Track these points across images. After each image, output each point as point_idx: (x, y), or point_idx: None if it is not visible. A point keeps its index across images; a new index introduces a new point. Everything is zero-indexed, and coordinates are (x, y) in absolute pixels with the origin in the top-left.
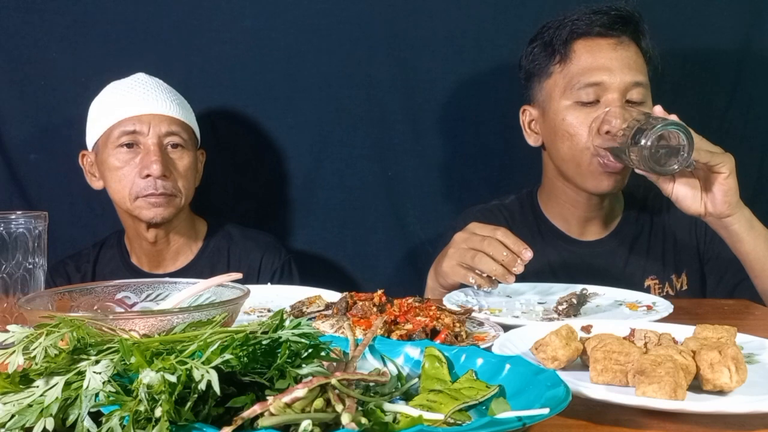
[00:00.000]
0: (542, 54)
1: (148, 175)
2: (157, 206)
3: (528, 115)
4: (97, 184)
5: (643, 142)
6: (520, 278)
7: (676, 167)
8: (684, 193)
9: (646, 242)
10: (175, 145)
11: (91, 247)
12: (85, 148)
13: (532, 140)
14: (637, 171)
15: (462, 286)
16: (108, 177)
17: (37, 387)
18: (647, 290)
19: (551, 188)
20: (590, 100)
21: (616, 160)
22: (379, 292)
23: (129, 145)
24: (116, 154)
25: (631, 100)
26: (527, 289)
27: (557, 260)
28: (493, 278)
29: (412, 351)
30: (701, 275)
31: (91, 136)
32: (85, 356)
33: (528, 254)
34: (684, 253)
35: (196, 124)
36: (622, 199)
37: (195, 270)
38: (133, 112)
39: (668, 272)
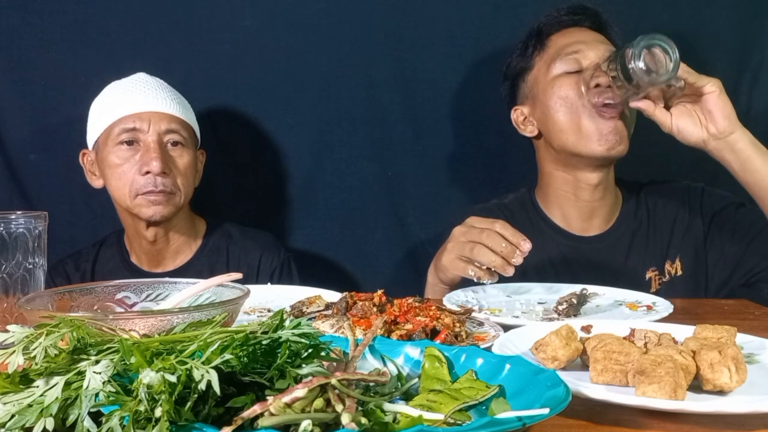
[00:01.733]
0: (521, 57)
1: (147, 172)
2: (156, 204)
3: (519, 113)
4: (97, 183)
5: (633, 61)
6: (521, 277)
7: (670, 68)
8: (684, 123)
9: (645, 235)
10: (175, 143)
11: (90, 246)
12: (86, 146)
13: (528, 131)
14: (633, 104)
15: (465, 282)
16: (108, 174)
17: (37, 387)
18: (648, 282)
19: (549, 183)
20: (574, 69)
21: (612, 97)
22: (379, 292)
23: (129, 143)
24: (116, 152)
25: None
26: (527, 288)
27: (558, 257)
28: (493, 270)
29: (412, 351)
30: (696, 260)
31: (92, 134)
32: (85, 356)
33: (527, 245)
34: (679, 239)
35: (196, 123)
36: (620, 194)
37: (194, 269)
38: (133, 109)
39: (664, 260)
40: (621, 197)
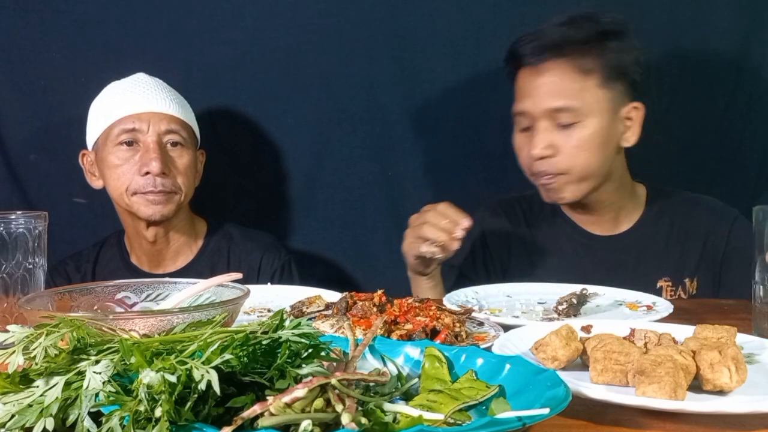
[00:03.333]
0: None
1: (147, 173)
2: (156, 203)
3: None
4: (96, 183)
5: None
6: (531, 268)
7: None
8: None
9: (665, 243)
10: (174, 143)
11: (91, 247)
12: (85, 147)
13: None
14: None
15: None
16: (107, 174)
17: (37, 387)
18: (659, 291)
19: None
20: (525, 126)
21: (548, 167)
22: (379, 292)
23: (129, 143)
24: (116, 152)
25: (561, 123)
26: (527, 289)
27: (570, 252)
28: (442, 245)
29: (412, 351)
30: (713, 282)
31: (92, 135)
32: (85, 356)
33: (466, 222)
34: (701, 259)
35: (195, 123)
36: (643, 196)
37: (195, 270)
38: (133, 110)
39: (683, 275)
40: (644, 199)
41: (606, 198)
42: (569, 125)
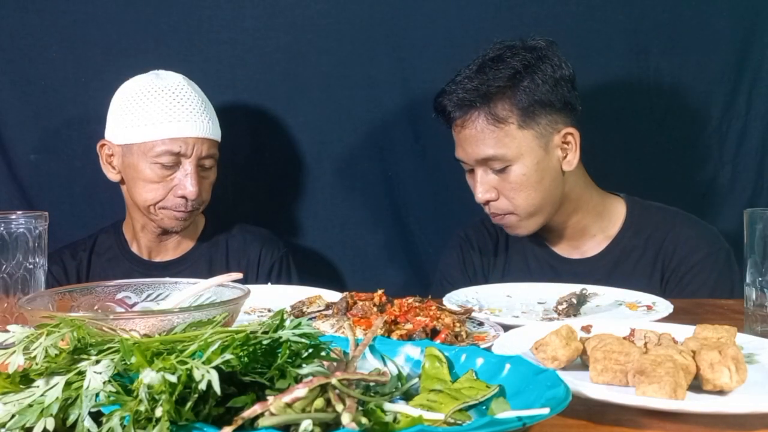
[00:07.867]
0: None
1: (182, 196)
2: (181, 219)
3: None
4: (113, 177)
5: None
6: (520, 277)
7: None
8: None
9: (631, 270)
10: (208, 167)
11: (87, 237)
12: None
13: None
14: None
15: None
16: (137, 183)
17: (38, 387)
18: None
19: None
20: (469, 168)
21: (489, 208)
22: (379, 292)
23: (168, 165)
24: (153, 168)
25: (494, 168)
26: (527, 289)
27: (539, 273)
28: None
29: (412, 351)
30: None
31: (121, 133)
32: (85, 356)
33: None
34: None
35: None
36: (620, 212)
37: (194, 258)
38: (179, 133)
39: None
40: (621, 216)
41: (566, 218)
42: (502, 169)
